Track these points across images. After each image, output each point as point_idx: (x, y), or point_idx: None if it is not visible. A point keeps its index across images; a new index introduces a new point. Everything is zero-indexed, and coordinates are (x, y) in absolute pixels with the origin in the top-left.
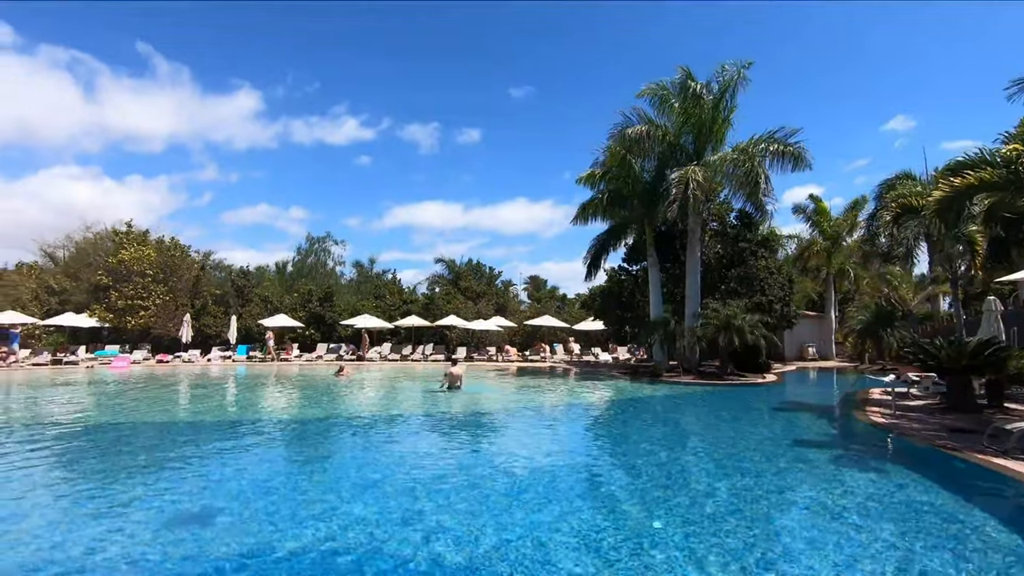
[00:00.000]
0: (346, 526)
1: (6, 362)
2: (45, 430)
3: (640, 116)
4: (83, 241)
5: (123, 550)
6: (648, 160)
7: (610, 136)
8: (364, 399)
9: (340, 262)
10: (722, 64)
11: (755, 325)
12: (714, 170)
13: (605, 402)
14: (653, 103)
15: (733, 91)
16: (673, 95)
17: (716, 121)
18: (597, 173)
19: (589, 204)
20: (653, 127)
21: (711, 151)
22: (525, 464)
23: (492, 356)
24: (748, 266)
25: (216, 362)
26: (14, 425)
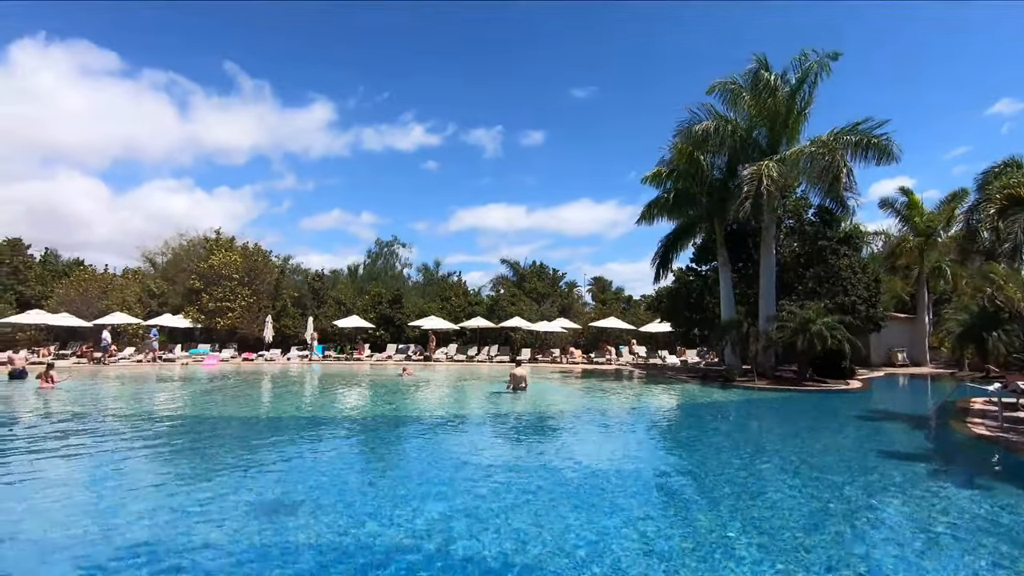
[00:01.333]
0: (417, 521)
1: (112, 358)
2: (147, 423)
3: (709, 112)
4: (178, 248)
5: (215, 536)
6: (717, 156)
7: (676, 133)
8: (432, 399)
9: (407, 265)
10: (803, 51)
11: (836, 328)
12: (790, 165)
13: (674, 407)
14: (723, 98)
15: (814, 81)
16: (744, 89)
17: (792, 113)
18: (663, 171)
19: (655, 203)
20: (722, 122)
21: (787, 145)
22: (591, 468)
23: (556, 358)
24: (829, 265)
25: (295, 361)
26: (121, 418)
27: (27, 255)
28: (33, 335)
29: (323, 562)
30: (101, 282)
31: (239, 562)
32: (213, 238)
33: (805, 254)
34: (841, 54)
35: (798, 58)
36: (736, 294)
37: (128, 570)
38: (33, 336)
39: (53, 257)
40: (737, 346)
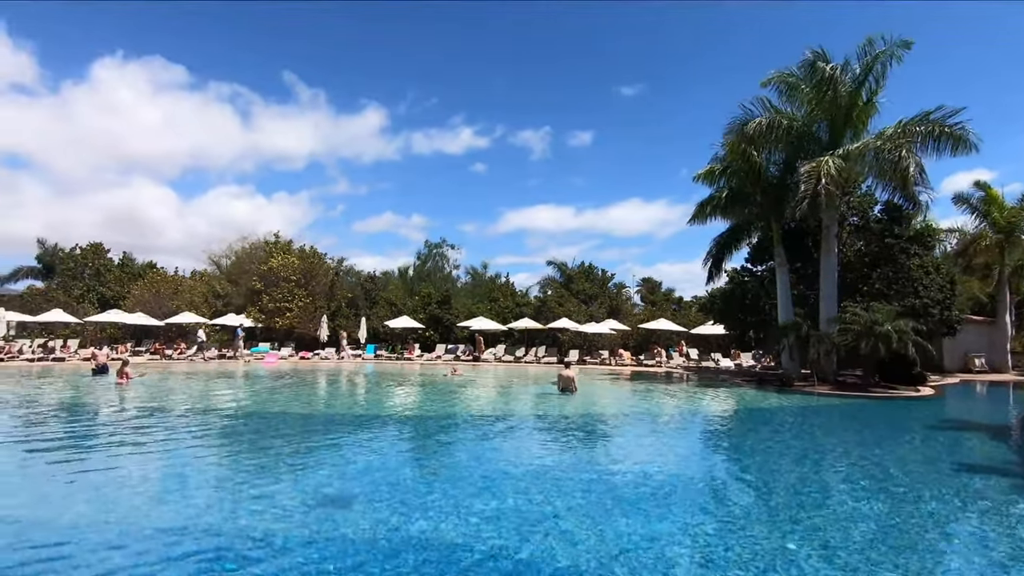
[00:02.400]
0: (466, 519)
1: (182, 355)
2: (213, 417)
3: (764, 106)
4: (240, 251)
5: (277, 527)
6: (774, 153)
7: (729, 129)
8: (481, 399)
9: (456, 266)
10: (868, 38)
11: (906, 331)
12: (854, 159)
13: (728, 411)
14: (780, 91)
15: (882, 70)
16: (803, 81)
17: (856, 105)
18: (716, 169)
19: (708, 202)
20: (779, 117)
21: (851, 138)
22: (643, 471)
23: (605, 359)
24: (898, 265)
25: (348, 359)
26: (189, 412)
27: (107, 258)
28: (112, 333)
29: (375, 557)
30: (172, 283)
31: (297, 553)
32: (272, 241)
33: (871, 254)
34: (913, 42)
35: (863, 46)
36: (794, 295)
37: (197, 555)
38: (112, 334)
39: (129, 260)
40: (796, 349)
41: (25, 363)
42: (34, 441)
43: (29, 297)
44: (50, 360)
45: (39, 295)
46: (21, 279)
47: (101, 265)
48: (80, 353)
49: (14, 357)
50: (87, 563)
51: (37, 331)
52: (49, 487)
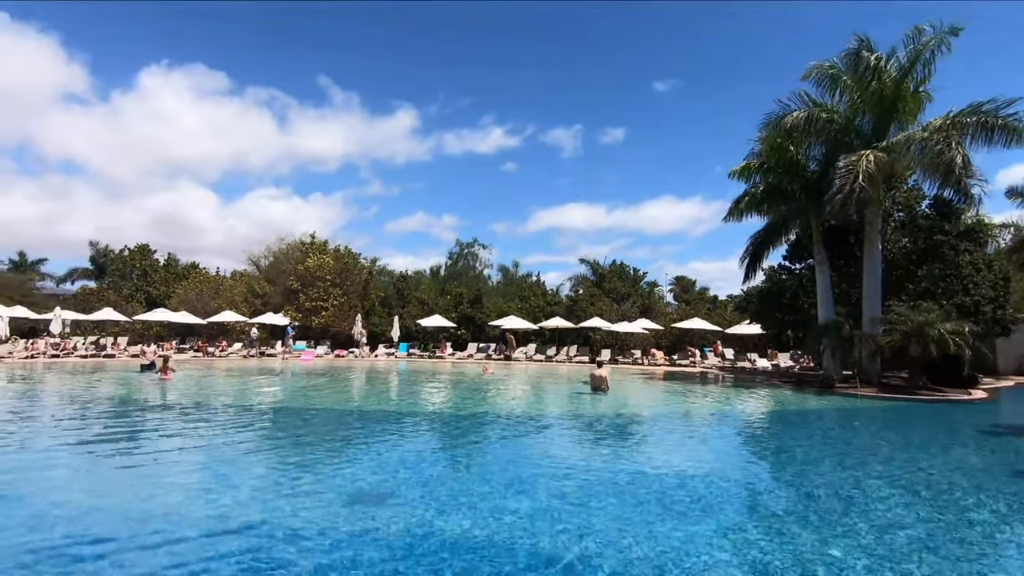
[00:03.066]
0: (500, 518)
1: (223, 353)
2: (253, 412)
3: (803, 100)
4: (278, 252)
5: (315, 519)
6: (812, 147)
7: (766, 124)
8: (512, 398)
9: (487, 266)
10: (916, 27)
11: (961, 332)
12: (898, 153)
13: (766, 413)
14: (820, 83)
15: (930, 59)
16: (844, 72)
17: (902, 96)
18: (752, 165)
19: (743, 199)
20: (818, 110)
21: (896, 131)
22: (677, 473)
23: (637, 359)
24: (946, 262)
25: (382, 357)
26: (230, 407)
27: (153, 259)
28: (158, 331)
29: (410, 552)
30: (213, 283)
31: (334, 545)
32: (308, 242)
33: (918, 250)
34: (962, 29)
35: (910, 34)
36: (835, 294)
37: (241, 544)
38: (158, 332)
39: (174, 261)
40: (837, 350)
41: (79, 359)
42: (87, 433)
43: (83, 296)
44: (101, 356)
45: (92, 294)
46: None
47: (148, 266)
48: (129, 350)
49: (69, 353)
50: (133, 553)
51: (90, 329)
52: (100, 477)
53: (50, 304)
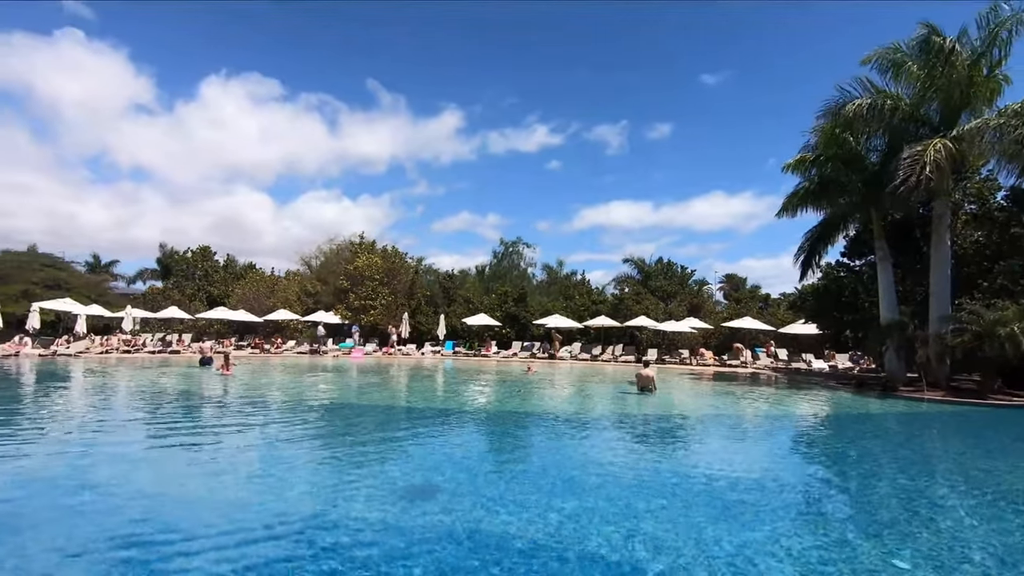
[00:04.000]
0: (547, 516)
1: (279, 350)
2: (306, 407)
3: (864, 87)
4: (329, 252)
5: (365, 514)
6: (873, 137)
7: (824, 113)
8: (558, 397)
9: (531, 264)
10: (993, 4)
11: None
12: (970, 141)
13: (824, 416)
14: (883, 69)
15: (1007, 40)
16: (910, 57)
17: (975, 81)
18: (808, 158)
19: (798, 193)
20: (881, 97)
21: (968, 117)
22: (728, 476)
23: (685, 359)
24: None
25: (428, 355)
26: (285, 401)
27: (214, 260)
28: (219, 328)
29: (458, 549)
30: (269, 283)
31: (385, 540)
32: (357, 242)
33: (992, 245)
34: None
35: (984, 14)
36: (899, 292)
37: (294, 536)
38: (219, 329)
39: (232, 262)
40: (901, 351)
41: (147, 355)
42: (157, 426)
43: (150, 296)
44: (167, 352)
45: (158, 294)
46: (145, 280)
47: (209, 266)
48: (193, 347)
49: (139, 349)
50: (197, 541)
51: (157, 326)
52: (169, 468)
53: (122, 303)
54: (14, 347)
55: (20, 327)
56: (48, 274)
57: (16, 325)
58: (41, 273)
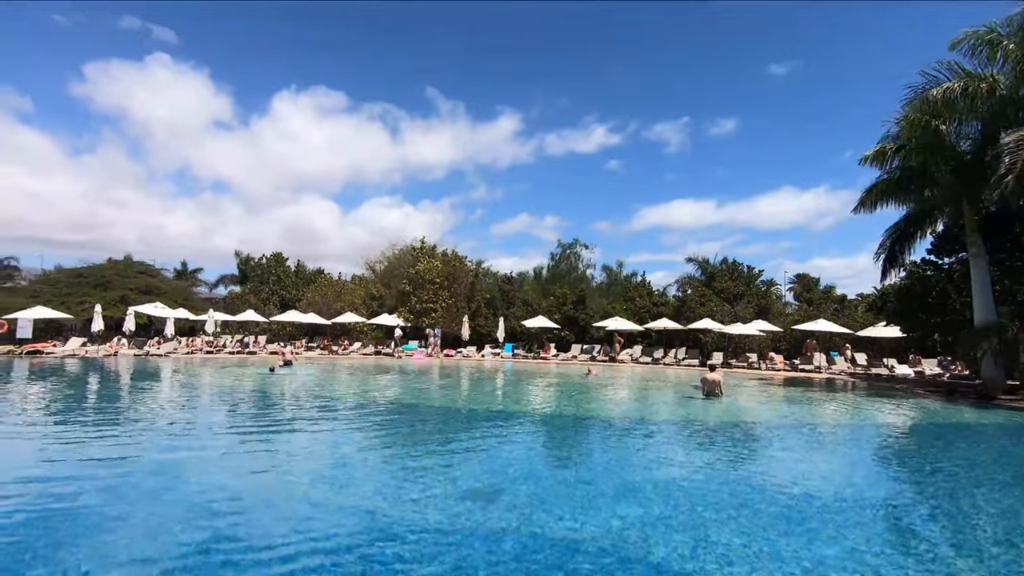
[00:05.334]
0: (609, 522)
1: (346, 351)
2: (372, 407)
3: (953, 70)
4: (391, 256)
5: (429, 514)
6: (965, 124)
7: (907, 101)
8: (619, 400)
9: (590, 266)
10: None
11: None
12: None
13: (909, 426)
14: (975, 51)
15: None
16: (1007, 37)
17: None
18: (889, 148)
19: (878, 186)
20: (973, 81)
21: None
22: (802, 488)
23: (753, 363)
24: None
25: (488, 357)
26: (356, 401)
27: (286, 266)
28: (291, 331)
29: (522, 551)
30: (336, 287)
31: (447, 540)
32: (418, 247)
33: None
34: None
35: None
36: (996, 291)
37: (362, 533)
38: (291, 332)
39: (303, 267)
40: (1000, 355)
41: (227, 355)
42: (234, 421)
43: (230, 300)
44: (245, 353)
45: (237, 298)
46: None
47: (282, 272)
48: (268, 348)
49: (220, 350)
50: (268, 536)
51: (235, 328)
52: (246, 461)
53: (205, 307)
54: (113, 347)
55: (118, 329)
56: (142, 280)
57: (115, 327)
58: (136, 280)
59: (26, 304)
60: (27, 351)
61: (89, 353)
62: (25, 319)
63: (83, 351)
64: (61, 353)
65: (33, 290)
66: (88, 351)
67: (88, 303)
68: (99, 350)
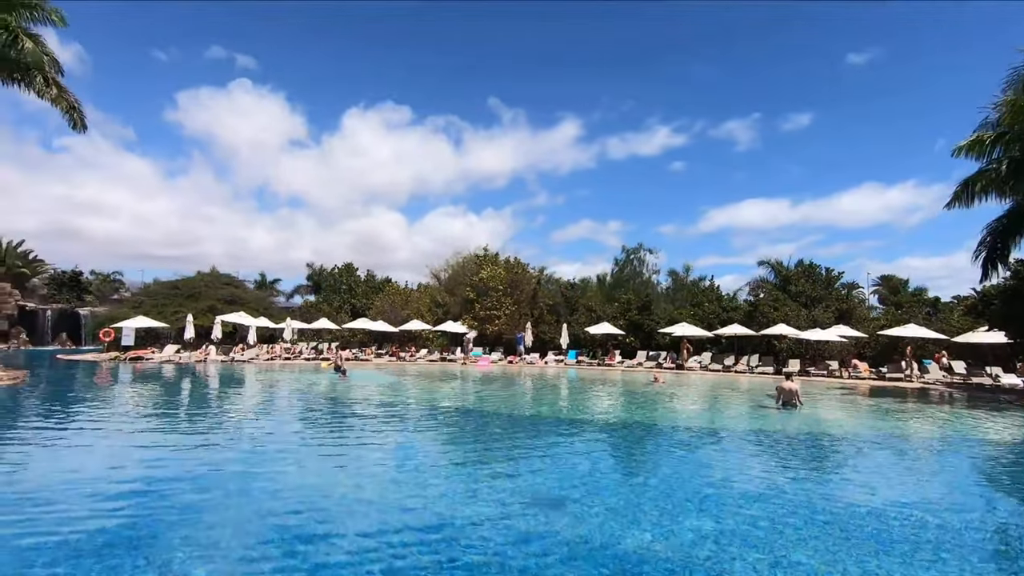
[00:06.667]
0: (682, 535)
1: (413, 358)
2: (439, 412)
3: None
4: (456, 265)
5: (495, 518)
6: None
7: (1009, 84)
8: (688, 409)
9: (655, 271)
10: None
11: None
12: None
13: (1020, 443)
14: None
15: None
16: None
17: None
18: (987, 137)
19: (976, 179)
20: None
21: None
22: (896, 507)
23: (834, 371)
24: None
25: (551, 364)
26: (421, 407)
27: (356, 276)
28: (361, 338)
29: (590, 561)
30: (403, 295)
31: (513, 547)
32: (482, 254)
33: None
34: None
35: None
36: None
37: (430, 534)
38: (361, 339)
39: (372, 277)
40: None
41: (304, 361)
42: (310, 423)
43: (305, 309)
44: (319, 359)
45: (311, 307)
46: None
47: (352, 281)
48: (342, 354)
49: (297, 356)
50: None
51: (310, 336)
52: (319, 465)
53: (283, 315)
54: (203, 354)
55: (207, 337)
56: (228, 291)
57: (204, 335)
58: (222, 291)
59: (129, 314)
60: (130, 357)
61: (182, 359)
62: (128, 328)
63: (177, 357)
64: (159, 359)
65: (135, 301)
66: (181, 357)
67: (181, 313)
68: (191, 356)
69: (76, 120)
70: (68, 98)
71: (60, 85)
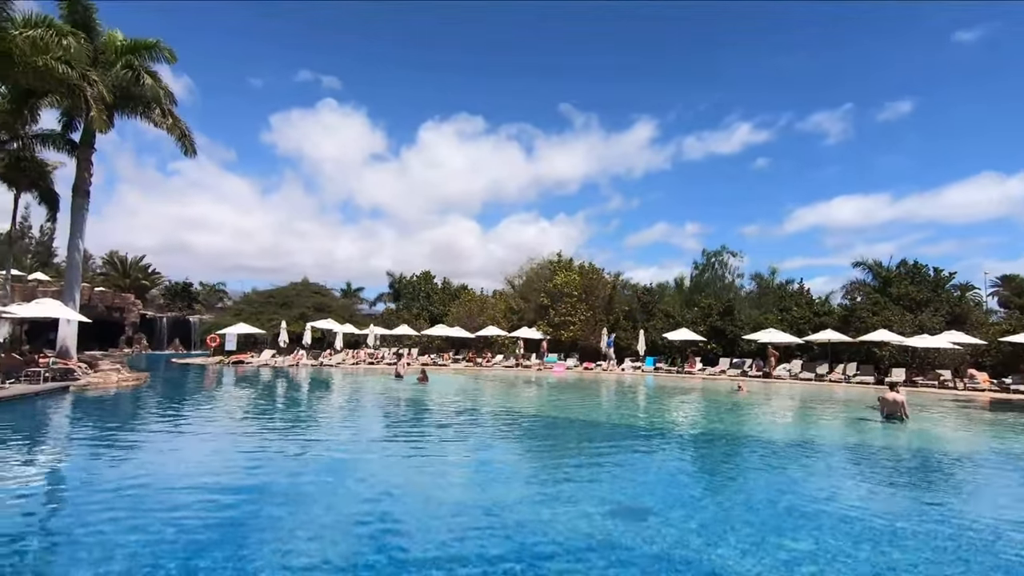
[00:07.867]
0: (775, 555)
1: (489, 363)
2: (516, 418)
3: None
4: (530, 271)
5: (577, 525)
6: None
7: None
8: (777, 421)
9: (739, 275)
10: None
11: None
12: None
13: None
14: None
15: None
16: None
17: None
18: None
19: None
20: None
21: None
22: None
23: (946, 381)
24: None
25: (628, 371)
26: (501, 413)
27: (433, 283)
28: (439, 344)
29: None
30: (479, 302)
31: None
32: (555, 260)
33: None
34: None
35: None
36: None
37: (509, 539)
38: (439, 345)
39: (448, 284)
40: None
41: (385, 366)
42: (393, 427)
43: (386, 316)
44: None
45: (392, 314)
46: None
47: (430, 289)
48: (420, 359)
49: (379, 361)
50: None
51: (391, 341)
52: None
53: (366, 322)
54: (295, 358)
55: (299, 342)
56: (317, 300)
57: (296, 340)
58: (312, 299)
59: (232, 322)
60: (233, 361)
61: (277, 363)
62: (231, 334)
63: (272, 361)
64: (257, 363)
65: (236, 310)
66: (276, 361)
67: (276, 320)
68: (285, 360)
69: (187, 146)
70: (180, 126)
71: (174, 115)
